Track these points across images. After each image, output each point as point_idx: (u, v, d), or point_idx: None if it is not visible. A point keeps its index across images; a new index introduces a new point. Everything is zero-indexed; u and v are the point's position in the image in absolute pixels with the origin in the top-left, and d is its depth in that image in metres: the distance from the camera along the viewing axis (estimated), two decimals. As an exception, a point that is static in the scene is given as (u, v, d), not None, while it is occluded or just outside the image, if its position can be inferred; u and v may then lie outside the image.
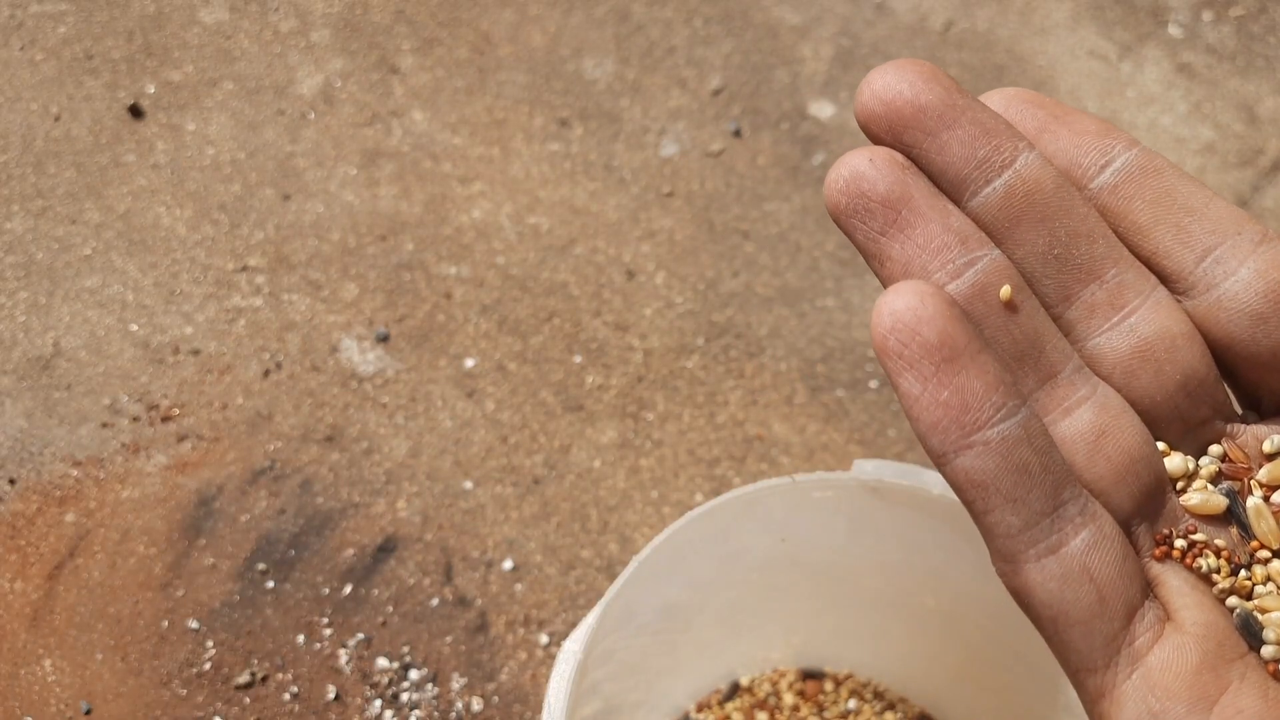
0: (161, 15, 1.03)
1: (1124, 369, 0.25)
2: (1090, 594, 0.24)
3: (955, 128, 0.25)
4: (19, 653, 0.72)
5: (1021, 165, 0.25)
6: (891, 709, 0.70)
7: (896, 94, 0.25)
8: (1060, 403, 0.25)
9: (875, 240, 0.25)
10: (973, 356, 0.23)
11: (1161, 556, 0.25)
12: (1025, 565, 0.24)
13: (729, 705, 0.69)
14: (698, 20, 1.07)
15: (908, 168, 0.25)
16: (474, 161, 0.96)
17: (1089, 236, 0.25)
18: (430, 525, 0.78)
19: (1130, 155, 0.26)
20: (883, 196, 0.24)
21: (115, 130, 0.96)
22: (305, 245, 0.91)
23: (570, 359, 0.86)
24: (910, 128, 0.25)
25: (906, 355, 0.23)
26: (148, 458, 0.80)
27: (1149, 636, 0.24)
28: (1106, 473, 0.25)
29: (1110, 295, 0.25)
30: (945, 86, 0.25)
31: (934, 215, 0.24)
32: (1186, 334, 0.25)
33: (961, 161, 0.25)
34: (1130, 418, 0.25)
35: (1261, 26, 1.10)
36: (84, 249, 0.89)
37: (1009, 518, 0.23)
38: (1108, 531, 0.24)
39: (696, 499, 0.80)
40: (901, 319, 0.23)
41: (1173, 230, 0.25)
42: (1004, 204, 0.25)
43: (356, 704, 0.71)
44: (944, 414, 0.23)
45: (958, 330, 0.23)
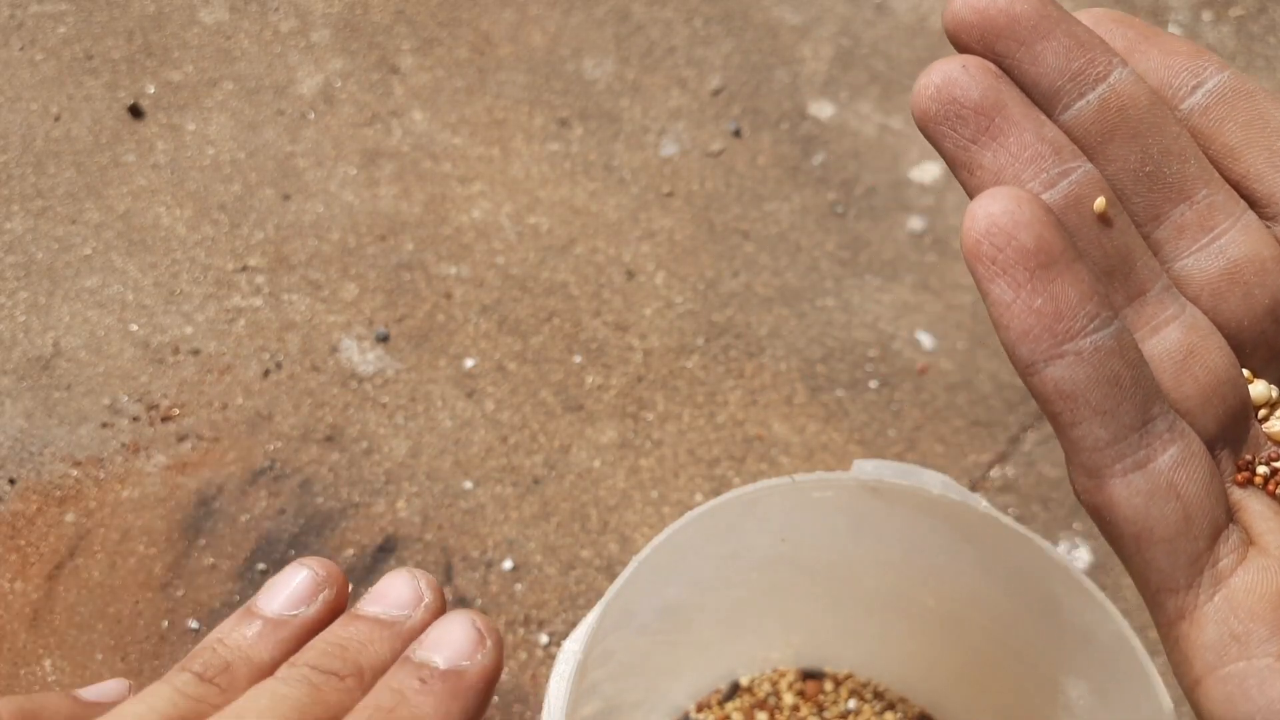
0: (161, 15, 1.03)
1: (1211, 291, 0.25)
2: (1176, 511, 0.23)
3: (1049, 39, 0.24)
4: (19, 653, 0.72)
5: (1115, 80, 0.25)
6: (891, 709, 0.70)
7: (990, 2, 0.24)
8: (1148, 321, 0.25)
9: (966, 148, 0.24)
10: (1068, 264, 0.22)
11: (1244, 482, 0.25)
12: (1110, 480, 0.23)
13: (729, 705, 0.69)
14: (698, 20, 1.07)
15: (1001, 76, 0.24)
16: (474, 161, 0.96)
17: (1180, 155, 0.25)
18: (430, 525, 0.78)
19: (1222, 77, 0.25)
20: (976, 103, 0.24)
21: (115, 130, 0.96)
22: (305, 245, 0.91)
23: (570, 359, 0.86)
24: (1003, 37, 0.24)
25: (1001, 260, 0.22)
26: (148, 458, 0.80)
27: (1233, 559, 0.24)
28: (1193, 393, 0.24)
29: (1200, 216, 0.25)
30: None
31: (1028, 124, 0.24)
32: (1276, 257, 0.25)
33: (1055, 73, 0.24)
34: (1217, 339, 0.25)
35: (1261, 26, 1.10)
36: (84, 249, 0.89)
37: (1097, 430, 0.23)
38: (1195, 450, 0.24)
39: (696, 499, 0.80)
40: (997, 222, 0.22)
41: (1264, 154, 0.25)
42: (1097, 118, 0.25)
43: (356, 704, 0.71)
44: (1036, 321, 0.22)
45: (1054, 237, 0.22)
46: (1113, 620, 0.54)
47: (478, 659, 0.24)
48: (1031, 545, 0.55)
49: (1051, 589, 0.56)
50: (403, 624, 0.25)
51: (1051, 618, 0.59)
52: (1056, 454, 0.85)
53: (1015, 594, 0.60)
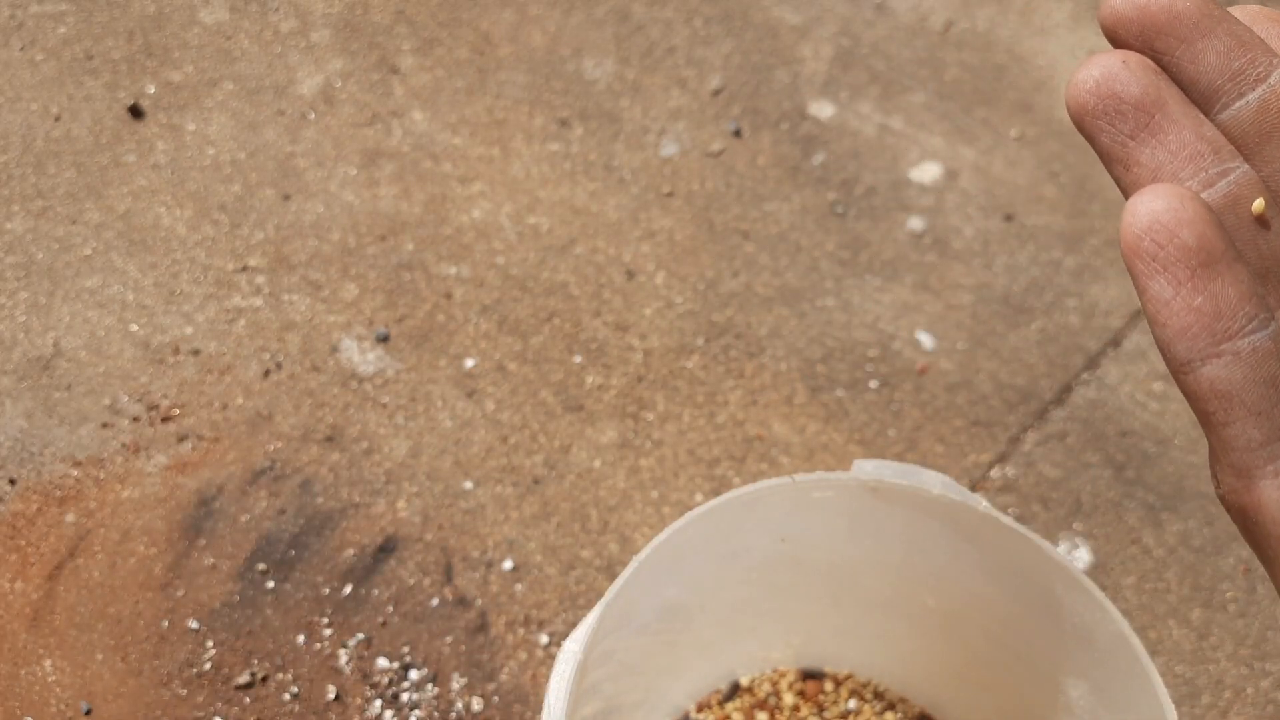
0: (162, 15, 1.03)
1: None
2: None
3: (1211, 37, 0.24)
4: (19, 653, 0.72)
5: (1276, 80, 0.24)
6: (891, 709, 0.70)
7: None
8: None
9: (1124, 144, 0.24)
10: (1229, 264, 0.22)
11: None
12: (1260, 481, 0.23)
13: (729, 705, 0.69)
14: (698, 20, 1.07)
15: (1160, 73, 0.24)
16: (474, 161, 0.96)
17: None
18: (430, 525, 0.78)
19: None
20: (1136, 99, 0.24)
21: (115, 130, 0.96)
22: (305, 245, 0.91)
23: (570, 359, 0.86)
24: (1164, 33, 0.24)
25: (1162, 257, 0.22)
26: (148, 458, 0.80)
27: None
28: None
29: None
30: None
31: (1187, 122, 0.24)
32: None
33: (1215, 71, 0.24)
34: None
35: (1261, 26, 1.10)
36: (84, 249, 0.89)
37: (1250, 431, 0.23)
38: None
39: (696, 499, 0.80)
40: (1160, 219, 0.22)
41: None
42: (1256, 119, 0.24)
43: (356, 704, 0.71)
44: (1195, 320, 0.22)
45: (1216, 236, 0.22)
46: (1113, 620, 0.54)
47: None
48: (1031, 545, 0.55)
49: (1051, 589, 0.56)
50: None
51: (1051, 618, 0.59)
52: (1056, 454, 0.85)
53: (1015, 594, 0.60)
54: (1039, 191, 0.99)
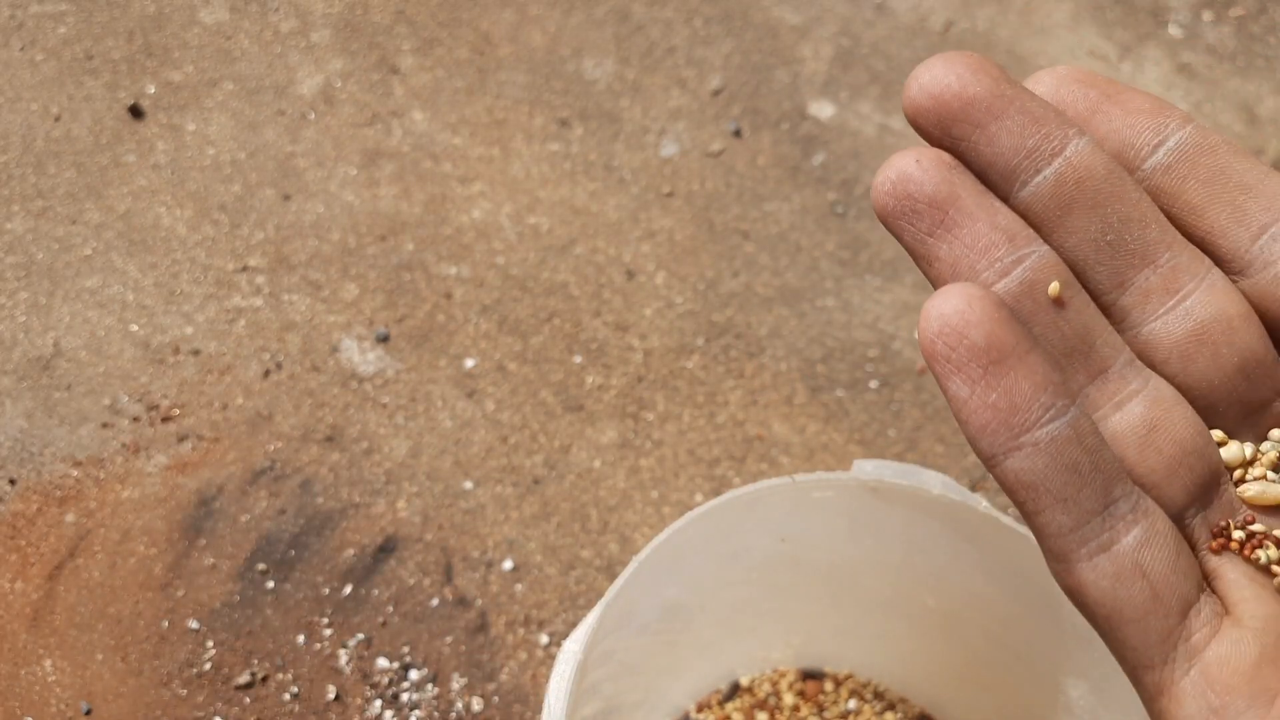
0: (162, 15, 1.03)
1: (1180, 353, 0.25)
2: (1144, 591, 0.23)
3: (1004, 118, 0.24)
4: (19, 653, 0.72)
5: (1071, 152, 0.25)
6: (891, 709, 0.70)
7: (944, 87, 0.24)
8: (1111, 397, 0.25)
9: (923, 241, 0.25)
10: (1020, 357, 0.23)
11: (1219, 549, 0.25)
12: (1078, 564, 0.24)
13: (729, 705, 0.69)
14: (698, 20, 1.07)
15: (954, 167, 0.25)
16: (474, 161, 0.96)
17: (1141, 221, 0.25)
18: (430, 525, 0.78)
19: (1184, 134, 0.25)
20: (929, 197, 0.24)
21: (115, 130, 0.96)
22: (305, 245, 0.91)
23: (570, 359, 0.86)
24: (959, 120, 0.24)
25: (954, 359, 0.23)
26: (148, 458, 0.80)
27: (1206, 632, 0.24)
28: (1158, 466, 0.25)
29: (1164, 280, 0.25)
30: (993, 76, 0.24)
31: (981, 214, 0.24)
32: (1243, 315, 0.25)
33: (1011, 152, 0.25)
34: (1182, 410, 0.25)
35: (1261, 27, 1.10)
36: (84, 249, 0.89)
37: (1060, 517, 0.23)
38: (1160, 528, 0.24)
39: (696, 499, 0.80)
40: (949, 322, 0.23)
41: (1227, 209, 0.25)
42: (1054, 192, 0.25)
43: (357, 704, 0.71)
44: (992, 416, 0.23)
45: (1005, 332, 0.23)
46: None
47: None
48: (1031, 545, 0.55)
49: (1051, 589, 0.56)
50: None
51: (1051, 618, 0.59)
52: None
53: (1015, 594, 0.60)
54: (1039, 191, 0.99)
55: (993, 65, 0.25)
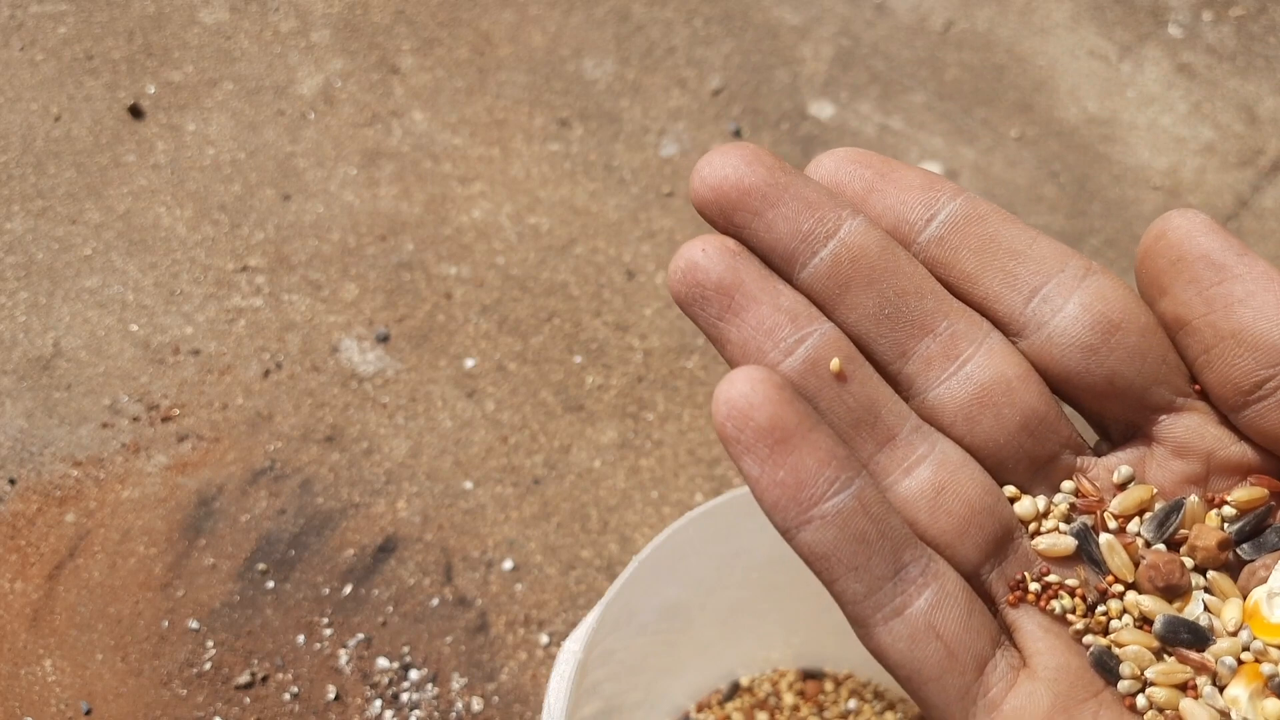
0: (161, 15, 1.03)
1: (965, 416, 0.26)
2: (938, 651, 0.24)
3: (779, 205, 0.25)
4: (19, 653, 0.72)
5: (845, 233, 0.26)
6: (892, 709, 0.70)
7: (722, 179, 0.25)
8: (900, 463, 0.26)
9: (714, 325, 0.26)
10: (804, 435, 0.24)
11: (1015, 602, 0.26)
12: (875, 629, 0.25)
13: (729, 705, 0.69)
14: (698, 20, 1.07)
15: (739, 253, 0.26)
16: (474, 161, 0.96)
17: (917, 293, 0.26)
18: (430, 525, 0.78)
19: (955, 205, 0.26)
20: (715, 284, 0.25)
21: (115, 130, 0.96)
22: (305, 245, 0.91)
23: (570, 359, 0.86)
24: (738, 209, 0.26)
25: (743, 440, 0.24)
26: (148, 458, 0.80)
27: (1003, 685, 0.25)
28: (949, 527, 0.25)
29: (944, 347, 0.26)
30: (768, 166, 0.26)
31: (765, 297, 0.25)
32: (1022, 375, 0.26)
33: (788, 237, 0.26)
34: (970, 470, 0.26)
35: (1261, 26, 1.10)
36: (84, 249, 0.89)
37: (854, 585, 0.24)
38: (950, 589, 0.25)
39: (697, 499, 0.80)
40: (736, 406, 0.24)
41: (999, 275, 0.26)
42: (831, 273, 0.26)
43: (357, 704, 0.71)
44: (782, 493, 0.24)
45: (789, 412, 0.24)
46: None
47: None
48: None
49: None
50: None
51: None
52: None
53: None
54: (1039, 191, 0.99)
55: (768, 155, 0.26)
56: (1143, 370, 0.26)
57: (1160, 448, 0.27)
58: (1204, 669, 0.25)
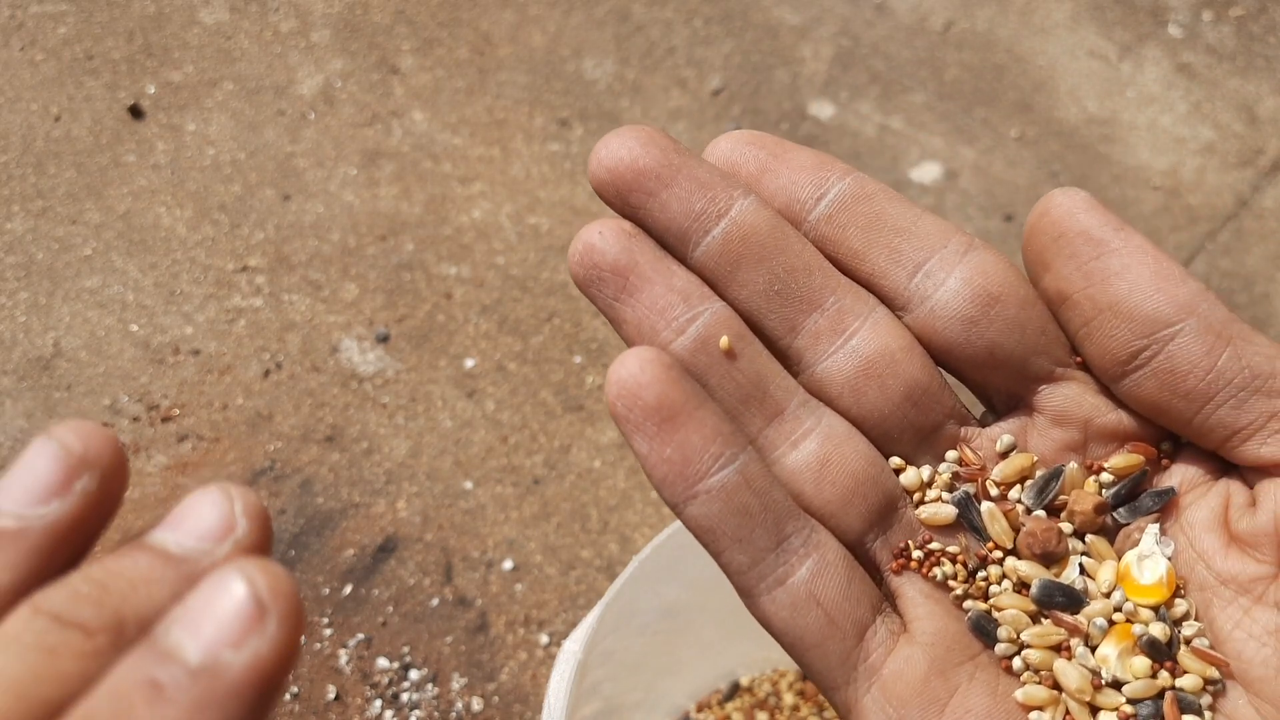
0: (162, 16, 1.03)
1: (851, 388, 0.27)
2: (819, 618, 0.25)
3: (673, 185, 0.26)
4: (19, 653, 0.72)
5: (736, 212, 0.26)
6: (891, 709, 0.70)
7: (618, 160, 0.26)
8: (788, 436, 0.27)
9: (611, 305, 0.26)
10: (690, 413, 0.25)
11: (899, 569, 0.27)
12: (760, 599, 0.26)
13: (729, 705, 0.69)
14: (698, 20, 1.07)
15: (634, 234, 0.26)
16: (474, 161, 0.96)
17: (806, 269, 0.27)
18: (430, 525, 0.78)
19: (843, 185, 0.27)
20: (611, 265, 0.26)
21: (115, 130, 0.96)
22: (305, 245, 0.91)
23: (570, 359, 0.86)
24: (633, 190, 0.26)
25: (632, 419, 0.25)
26: (148, 458, 0.80)
27: (882, 651, 0.26)
28: (834, 497, 0.26)
29: (832, 321, 0.27)
30: (662, 147, 0.26)
31: (658, 278, 0.26)
32: (905, 347, 0.27)
33: (681, 216, 0.26)
34: (855, 442, 0.27)
35: (1261, 27, 1.10)
36: (84, 249, 0.89)
37: (738, 556, 0.25)
38: (831, 558, 0.26)
39: (696, 499, 0.80)
40: (625, 386, 0.25)
41: (885, 251, 0.27)
42: (723, 251, 0.26)
43: (357, 704, 0.71)
44: (669, 469, 0.25)
45: (674, 391, 0.25)
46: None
47: (250, 646, 0.17)
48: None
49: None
50: (197, 563, 0.20)
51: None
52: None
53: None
54: (1039, 191, 0.99)
55: (664, 137, 0.27)
56: (1022, 341, 0.27)
57: (1040, 416, 0.28)
58: (1077, 631, 0.26)
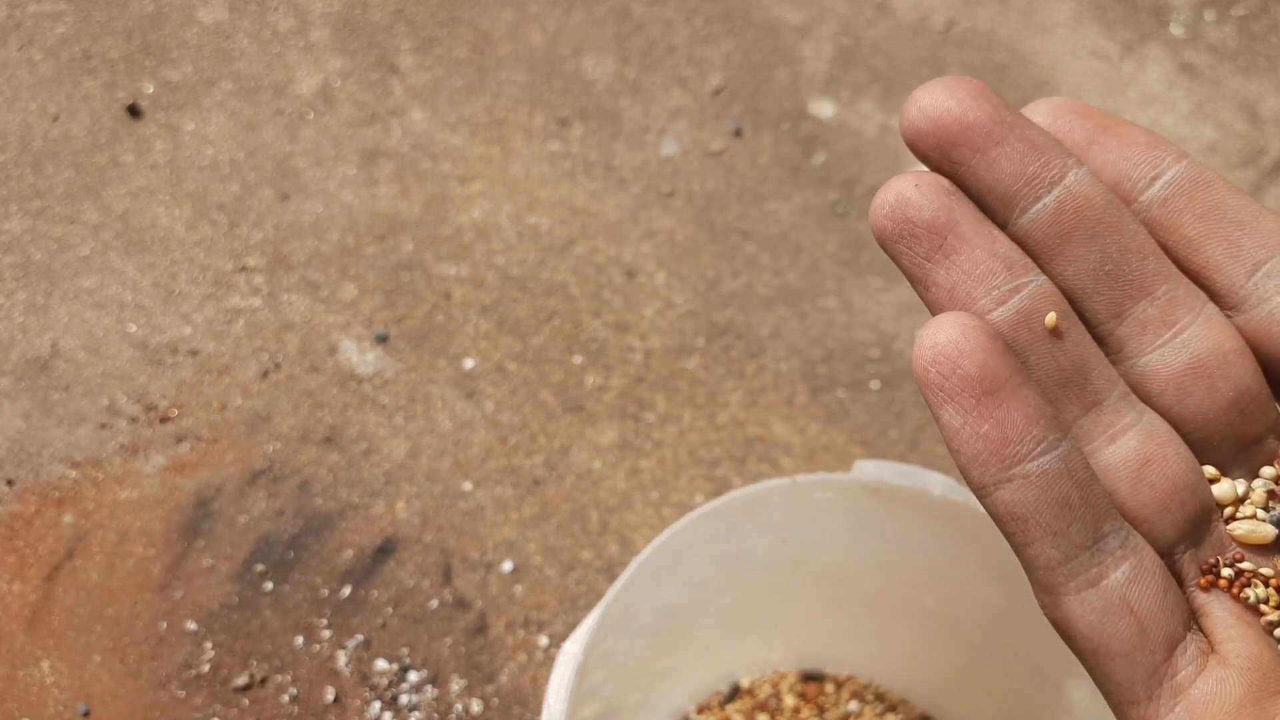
0: (160, 15, 1.03)
1: (1176, 386, 0.25)
2: (1130, 627, 0.24)
3: (1004, 144, 0.24)
4: (17, 654, 0.71)
5: (1071, 181, 0.25)
6: (893, 710, 0.69)
7: (944, 111, 0.24)
8: (1105, 430, 0.25)
9: (921, 265, 0.25)
10: (1014, 390, 0.23)
11: (1207, 586, 0.25)
12: (1065, 598, 0.24)
13: (729, 707, 0.69)
14: (698, 19, 1.07)
15: (954, 193, 0.25)
16: (473, 161, 0.96)
17: (1139, 252, 0.25)
18: (429, 526, 0.78)
19: (1180, 168, 0.25)
20: (928, 222, 0.24)
21: (113, 130, 0.96)
22: (304, 245, 0.90)
23: (570, 359, 0.85)
24: (958, 144, 0.24)
25: (948, 388, 0.23)
26: (146, 459, 0.80)
27: (1192, 669, 0.24)
28: (1150, 501, 0.25)
29: (1162, 311, 0.25)
30: (993, 103, 0.24)
31: (980, 241, 0.24)
32: (1239, 350, 0.25)
33: (1010, 178, 0.25)
34: (1176, 445, 0.25)
35: (1264, 26, 1.10)
36: (82, 249, 0.89)
37: (1049, 550, 0.23)
38: (1149, 565, 0.24)
39: (697, 500, 0.80)
40: (943, 352, 0.23)
41: (1223, 244, 0.25)
42: (1054, 221, 0.25)
43: (355, 706, 0.71)
44: (984, 447, 0.23)
45: (999, 363, 0.23)
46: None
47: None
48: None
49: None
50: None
51: (1054, 619, 0.58)
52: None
53: (1016, 595, 0.59)
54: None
55: (992, 92, 0.25)
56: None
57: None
58: None
